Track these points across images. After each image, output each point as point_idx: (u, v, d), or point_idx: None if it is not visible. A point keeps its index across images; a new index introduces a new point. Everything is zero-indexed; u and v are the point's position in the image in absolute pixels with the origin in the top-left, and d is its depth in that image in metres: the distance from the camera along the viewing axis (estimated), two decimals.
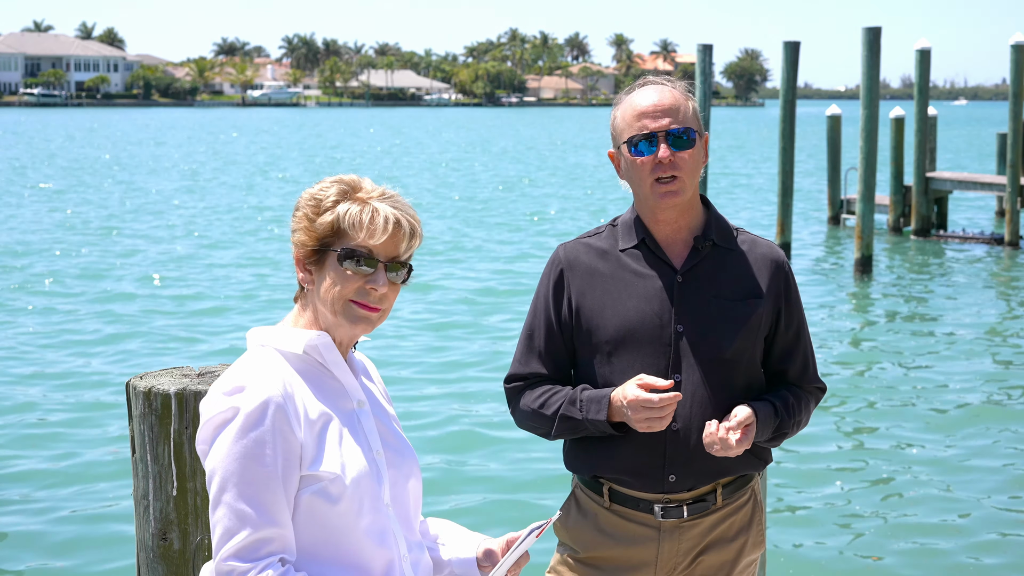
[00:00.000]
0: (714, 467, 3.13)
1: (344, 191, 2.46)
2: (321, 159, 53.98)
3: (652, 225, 3.16)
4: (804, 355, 3.22)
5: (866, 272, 18.72)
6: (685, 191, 3.07)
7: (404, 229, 2.45)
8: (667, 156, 3.04)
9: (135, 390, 3.04)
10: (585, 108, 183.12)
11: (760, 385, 3.20)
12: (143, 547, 3.07)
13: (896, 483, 8.92)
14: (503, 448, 9.55)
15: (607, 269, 3.16)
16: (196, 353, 13.16)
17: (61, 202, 31.88)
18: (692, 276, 3.12)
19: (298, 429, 2.38)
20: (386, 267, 2.45)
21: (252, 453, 2.34)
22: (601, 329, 3.12)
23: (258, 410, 2.35)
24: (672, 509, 3.13)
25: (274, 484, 2.34)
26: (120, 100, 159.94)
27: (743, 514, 3.22)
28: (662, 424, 2.96)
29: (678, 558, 3.17)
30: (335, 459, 2.40)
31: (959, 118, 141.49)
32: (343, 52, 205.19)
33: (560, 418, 3.11)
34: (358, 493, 2.41)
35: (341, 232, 2.43)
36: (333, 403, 2.47)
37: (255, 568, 2.32)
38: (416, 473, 2.58)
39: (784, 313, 3.18)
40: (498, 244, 23.53)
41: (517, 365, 3.24)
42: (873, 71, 18.09)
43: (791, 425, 3.15)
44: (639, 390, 2.95)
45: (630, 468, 3.12)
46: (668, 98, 3.09)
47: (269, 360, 2.45)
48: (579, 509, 3.25)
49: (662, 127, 3.05)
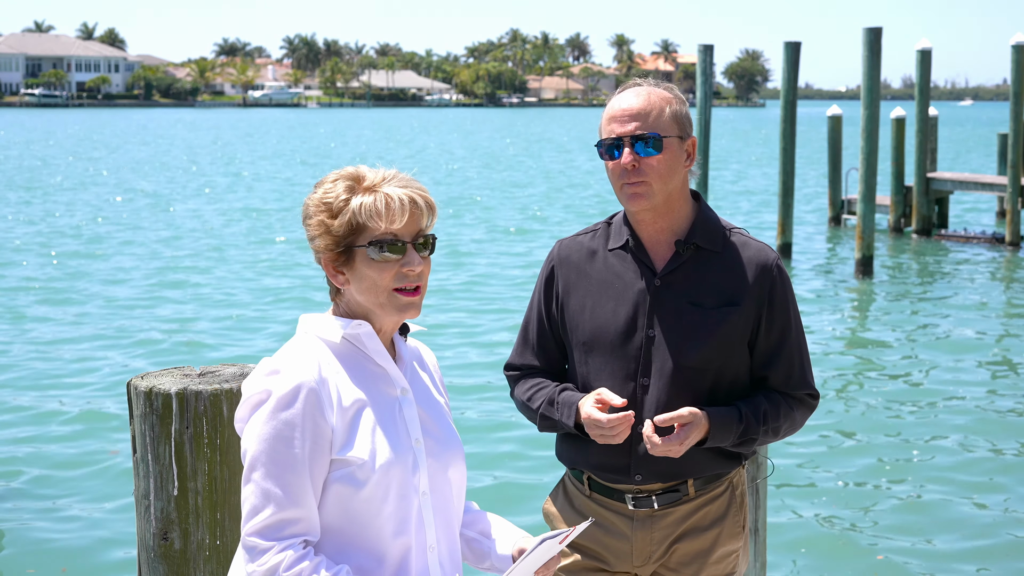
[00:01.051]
0: (678, 468, 3.16)
1: (350, 186, 2.48)
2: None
3: (636, 226, 3.19)
4: (788, 362, 3.17)
5: (867, 272, 18.72)
6: (652, 195, 3.08)
7: (420, 205, 2.48)
8: (629, 161, 3.05)
9: (136, 390, 3.04)
10: (586, 108, 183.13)
11: (743, 391, 3.18)
12: (144, 547, 3.07)
13: (897, 483, 8.91)
14: (508, 431, 9.56)
15: (593, 270, 3.21)
16: (197, 353, 13.17)
17: (62, 202, 31.90)
18: (670, 281, 3.14)
19: (330, 414, 2.43)
20: (414, 246, 2.48)
21: (281, 435, 2.40)
22: (579, 330, 3.20)
23: (290, 394, 2.41)
24: (643, 499, 3.20)
25: (301, 466, 2.39)
26: (121, 100, 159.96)
27: (718, 505, 3.24)
28: (616, 440, 3.05)
29: (652, 546, 3.23)
30: (365, 445, 2.43)
31: (967, 118, 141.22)
32: (344, 52, 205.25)
33: (541, 416, 3.24)
34: (385, 480, 2.43)
35: (361, 227, 2.46)
36: (374, 390, 2.51)
37: (276, 547, 2.37)
38: (459, 464, 2.61)
39: (766, 318, 3.14)
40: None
41: (514, 355, 3.36)
42: (874, 71, 18.08)
43: (762, 431, 3.12)
44: (592, 408, 3.04)
45: (601, 464, 3.21)
46: (640, 102, 3.09)
47: (310, 346, 2.50)
48: (566, 495, 3.37)
49: (627, 132, 3.07)
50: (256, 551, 2.38)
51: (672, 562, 3.24)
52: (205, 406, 2.98)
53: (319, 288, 17.66)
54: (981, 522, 8.08)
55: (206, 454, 2.99)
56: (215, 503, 3.00)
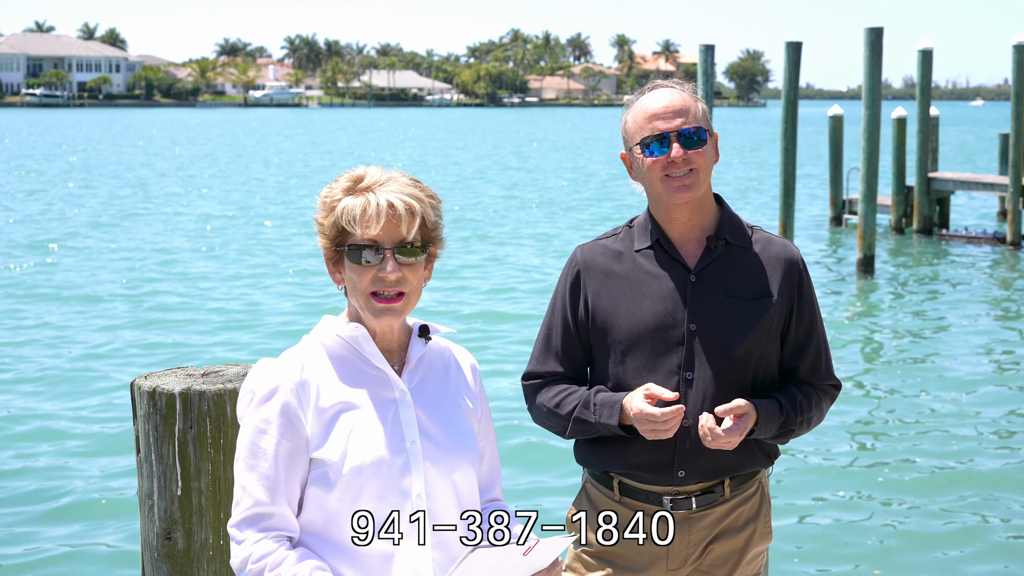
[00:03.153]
0: (722, 464, 3.17)
1: (348, 187, 2.51)
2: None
3: (666, 225, 3.21)
4: (816, 353, 3.25)
5: (868, 272, 18.72)
6: (699, 187, 3.13)
7: (399, 211, 2.47)
8: (680, 155, 3.10)
9: (140, 390, 3.05)
10: (587, 108, 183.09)
11: (773, 383, 3.24)
12: (148, 546, 3.08)
13: (898, 483, 8.91)
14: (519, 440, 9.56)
15: (622, 270, 3.22)
16: (200, 353, 13.17)
17: (64, 201, 31.91)
18: (705, 275, 3.17)
19: (305, 415, 2.47)
20: (395, 252, 2.48)
21: (258, 432, 2.47)
22: (615, 329, 3.18)
23: (267, 394, 2.48)
24: (681, 501, 3.19)
25: (277, 464, 2.45)
26: (122, 100, 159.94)
27: (751, 505, 3.27)
28: (667, 434, 3.03)
29: (689, 549, 3.22)
30: (337, 447, 2.46)
31: (980, 119, 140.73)
32: (345, 52, 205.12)
33: (574, 420, 3.19)
34: (356, 482, 2.45)
35: (344, 229, 2.50)
36: (367, 392, 2.53)
37: (250, 539, 2.44)
38: (463, 468, 2.58)
39: (796, 311, 3.22)
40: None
41: (535, 363, 3.31)
42: (875, 71, 18.09)
43: (799, 423, 3.18)
44: (644, 403, 3.03)
45: (641, 464, 3.18)
46: (678, 100, 3.16)
47: (303, 347, 2.56)
48: (590, 503, 3.32)
49: (673, 127, 3.12)
50: (234, 542, 2.46)
51: (705, 564, 3.24)
52: (208, 406, 2.99)
53: (329, 287, 17.68)
54: (981, 522, 8.08)
55: (209, 454, 3.00)
56: (219, 503, 3.01)
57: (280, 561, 2.41)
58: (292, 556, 2.43)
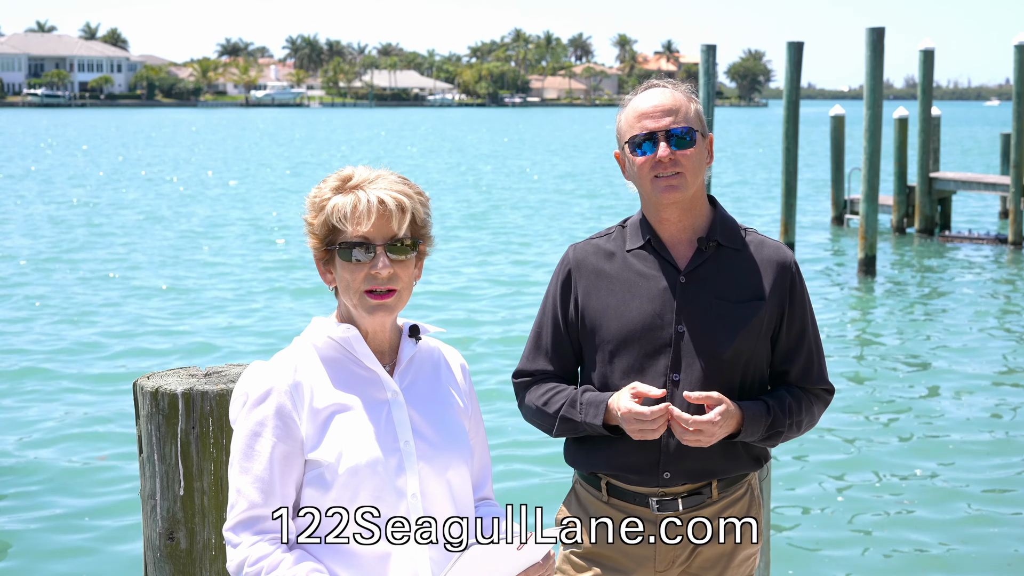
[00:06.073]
0: (708, 466, 3.16)
1: (337, 186, 2.52)
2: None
3: (657, 225, 3.20)
4: (808, 357, 3.22)
5: (870, 272, 18.71)
6: (686, 187, 3.12)
7: (390, 207, 2.48)
8: (667, 155, 3.09)
9: (142, 390, 3.05)
10: (588, 108, 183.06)
11: (763, 386, 3.23)
12: (150, 546, 3.08)
13: (899, 483, 8.92)
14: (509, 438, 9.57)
15: (613, 270, 3.21)
16: (201, 353, 13.18)
17: (64, 200, 31.93)
18: (695, 277, 3.16)
19: (300, 416, 2.48)
20: (387, 249, 2.49)
21: (252, 435, 2.47)
22: (604, 329, 3.18)
23: (260, 396, 2.48)
24: (667, 502, 3.18)
25: (272, 466, 2.46)
26: (123, 100, 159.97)
27: (739, 507, 3.25)
28: (655, 434, 3.02)
29: (676, 551, 3.21)
30: (333, 448, 2.47)
31: (996, 119, 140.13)
32: (346, 52, 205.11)
33: (560, 419, 3.19)
34: (353, 482, 2.46)
35: (334, 228, 2.51)
36: (359, 393, 2.53)
37: (246, 542, 2.45)
38: (458, 466, 2.59)
39: (788, 315, 3.20)
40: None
41: (525, 361, 3.32)
42: (877, 71, 18.08)
43: (788, 425, 3.16)
44: (631, 402, 3.02)
45: (626, 465, 3.17)
46: (669, 99, 3.15)
47: (295, 349, 2.56)
48: (579, 504, 3.32)
49: (662, 127, 3.11)
50: (230, 545, 2.47)
51: (694, 566, 3.23)
52: (211, 406, 3.00)
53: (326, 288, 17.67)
54: (982, 523, 8.07)
55: (212, 454, 3.00)
56: (221, 503, 3.01)
57: (277, 564, 2.42)
58: (289, 558, 2.43)
